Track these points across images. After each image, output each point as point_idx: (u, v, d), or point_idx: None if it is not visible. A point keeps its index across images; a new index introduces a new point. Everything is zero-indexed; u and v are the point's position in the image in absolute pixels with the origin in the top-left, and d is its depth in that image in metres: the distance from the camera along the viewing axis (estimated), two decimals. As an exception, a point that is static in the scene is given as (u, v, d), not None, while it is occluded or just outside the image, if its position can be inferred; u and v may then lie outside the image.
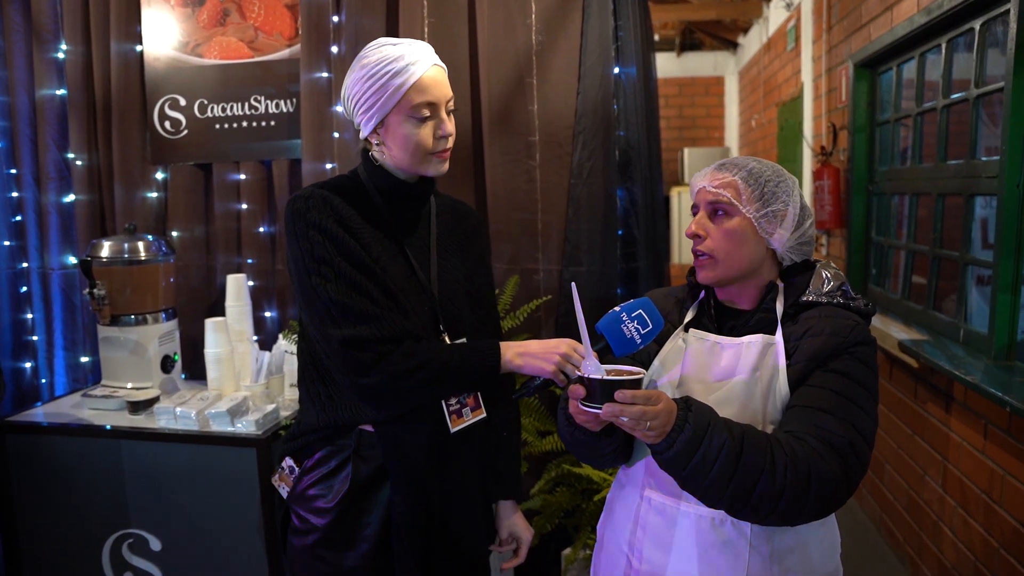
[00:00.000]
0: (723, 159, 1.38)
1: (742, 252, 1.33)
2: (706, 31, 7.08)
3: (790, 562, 1.28)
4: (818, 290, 1.34)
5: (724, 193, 1.32)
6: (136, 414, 2.22)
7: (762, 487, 1.16)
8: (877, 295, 3.51)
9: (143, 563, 2.16)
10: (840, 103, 3.98)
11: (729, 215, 1.32)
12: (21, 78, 2.69)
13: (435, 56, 1.42)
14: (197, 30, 2.55)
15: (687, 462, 1.16)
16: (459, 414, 1.49)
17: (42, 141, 2.71)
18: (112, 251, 2.33)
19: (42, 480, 2.19)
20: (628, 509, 1.41)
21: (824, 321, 1.29)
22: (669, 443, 1.15)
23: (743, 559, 1.27)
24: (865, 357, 1.28)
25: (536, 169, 2.29)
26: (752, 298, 1.37)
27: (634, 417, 1.11)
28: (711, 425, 1.17)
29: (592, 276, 2.28)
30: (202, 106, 2.57)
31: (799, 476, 1.16)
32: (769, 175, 1.33)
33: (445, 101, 1.42)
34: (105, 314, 2.31)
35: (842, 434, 1.20)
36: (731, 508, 1.20)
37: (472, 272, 1.56)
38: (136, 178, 2.66)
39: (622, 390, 1.11)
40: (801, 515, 1.20)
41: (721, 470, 1.15)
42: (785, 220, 1.33)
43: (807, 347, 1.28)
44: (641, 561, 1.36)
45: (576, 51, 2.27)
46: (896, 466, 3.00)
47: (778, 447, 1.19)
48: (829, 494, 1.18)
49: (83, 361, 2.79)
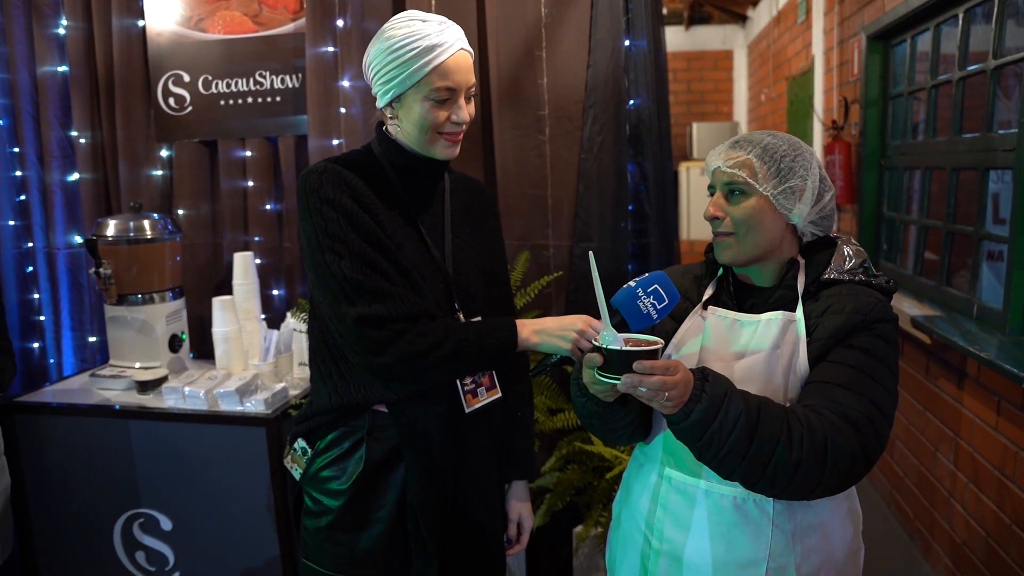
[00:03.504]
0: (737, 136, 1.35)
1: (762, 231, 1.30)
2: (715, 4, 6.97)
3: (813, 540, 1.28)
4: (840, 267, 1.32)
5: (739, 173, 1.29)
6: (145, 393, 2.21)
7: (778, 458, 1.15)
8: (889, 271, 3.48)
9: (154, 542, 2.16)
10: (852, 76, 3.92)
11: (746, 194, 1.30)
12: (22, 54, 2.65)
13: (464, 41, 1.39)
14: (200, 4, 2.51)
15: (703, 432, 1.15)
16: (474, 394, 1.47)
17: (44, 119, 2.68)
18: (118, 230, 2.31)
19: (52, 460, 2.19)
20: (647, 488, 1.39)
21: (846, 299, 1.28)
22: (686, 413, 1.15)
23: (766, 537, 1.26)
24: (886, 334, 1.27)
25: (546, 144, 2.25)
26: (772, 275, 1.35)
27: (653, 388, 1.10)
28: (728, 395, 1.16)
29: (603, 252, 2.25)
30: (206, 82, 2.53)
31: (816, 448, 1.15)
32: (785, 150, 1.30)
33: (466, 87, 1.39)
34: (112, 293, 2.30)
35: (860, 409, 1.19)
36: (747, 480, 1.19)
37: (485, 250, 1.54)
38: (141, 156, 2.64)
39: (640, 360, 1.10)
40: (817, 488, 1.19)
41: (737, 440, 1.15)
42: (804, 195, 1.30)
43: (828, 324, 1.26)
44: (662, 541, 1.35)
45: (586, 23, 2.22)
46: (907, 442, 2.99)
47: (795, 419, 1.18)
48: (846, 468, 1.17)
49: (91, 341, 2.78)
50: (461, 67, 1.37)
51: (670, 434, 1.27)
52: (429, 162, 1.44)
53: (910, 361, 2.96)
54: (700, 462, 1.22)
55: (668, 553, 1.34)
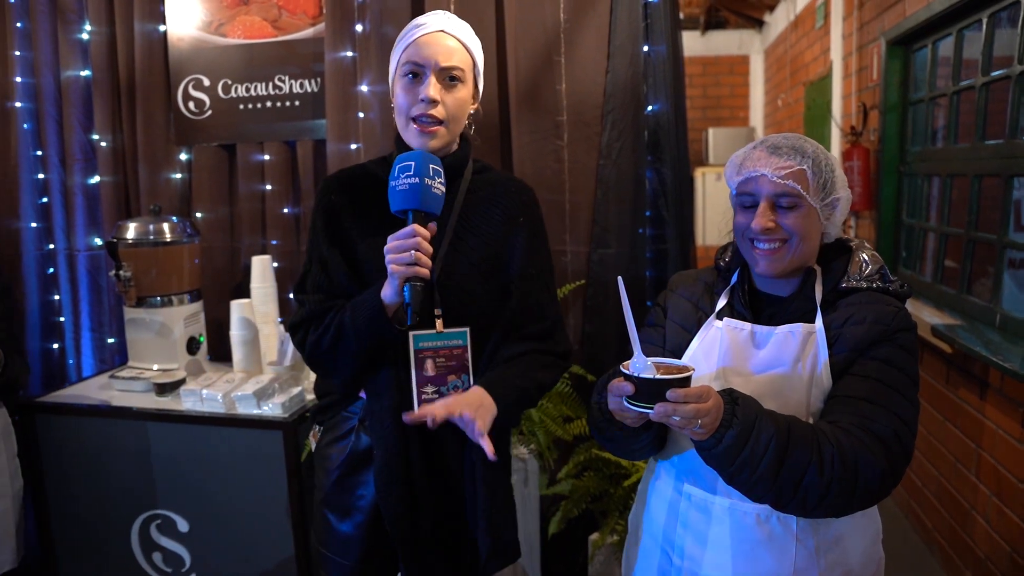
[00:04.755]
0: (768, 140, 1.29)
1: (809, 243, 1.27)
2: (731, 9, 6.95)
3: (836, 553, 1.26)
4: (857, 275, 1.29)
5: (794, 185, 1.24)
6: (163, 396, 2.22)
7: (809, 480, 1.13)
8: (907, 278, 3.45)
9: (171, 544, 2.17)
10: (871, 82, 3.90)
11: (798, 207, 1.25)
12: (46, 59, 2.68)
13: (450, 26, 1.40)
14: (220, 9, 2.52)
15: (735, 458, 1.13)
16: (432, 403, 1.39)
17: (67, 122, 2.70)
18: (138, 232, 2.33)
19: (71, 460, 2.21)
20: (665, 502, 1.37)
21: (865, 308, 1.25)
22: (717, 439, 1.12)
23: (790, 554, 1.24)
24: (907, 344, 1.25)
25: (564, 149, 2.25)
26: (792, 284, 1.32)
27: (687, 416, 1.08)
28: (758, 419, 1.14)
29: (621, 258, 2.24)
30: (226, 86, 2.55)
31: (847, 468, 1.13)
32: (826, 160, 1.26)
33: (435, 66, 1.37)
34: (131, 295, 2.32)
35: (887, 424, 1.17)
36: (777, 502, 1.17)
37: (499, 251, 1.48)
38: (160, 159, 2.65)
39: (674, 389, 1.07)
40: (849, 507, 1.17)
41: (769, 464, 1.12)
42: (840, 206, 1.28)
43: (849, 336, 1.24)
44: (683, 558, 1.32)
45: (605, 28, 2.21)
46: (926, 453, 2.95)
47: (824, 439, 1.15)
48: (876, 485, 1.15)
49: (109, 342, 2.80)
50: (431, 44, 1.38)
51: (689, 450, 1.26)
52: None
53: (929, 370, 2.92)
54: (730, 485, 1.20)
55: (689, 571, 1.32)
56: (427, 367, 1.43)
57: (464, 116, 1.46)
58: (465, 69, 1.41)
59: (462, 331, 1.42)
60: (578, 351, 2.31)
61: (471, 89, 1.46)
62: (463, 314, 1.42)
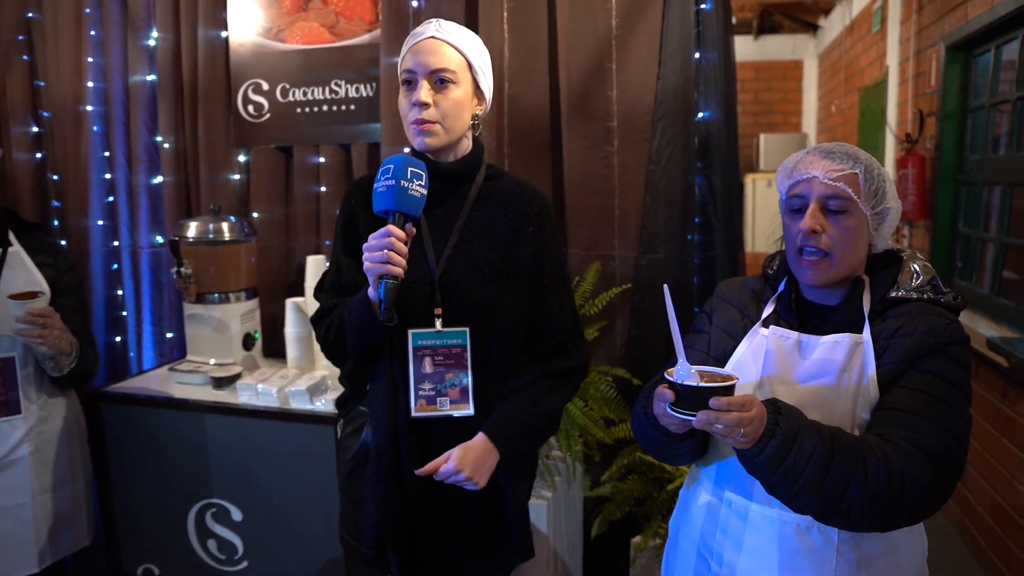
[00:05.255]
0: (822, 145, 1.29)
1: (856, 251, 1.26)
2: (785, 13, 6.86)
3: (878, 568, 1.24)
4: (907, 285, 1.27)
5: (845, 188, 1.22)
6: (220, 389, 2.30)
7: (853, 493, 1.12)
8: (963, 290, 3.36)
9: (225, 532, 2.25)
10: (929, 88, 3.81)
11: (848, 212, 1.24)
12: (116, 65, 2.80)
13: (441, 31, 1.44)
14: (280, 16, 2.60)
15: (777, 467, 1.13)
16: (431, 400, 1.46)
17: (134, 125, 2.82)
18: (198, 231, 2.42)
19: (134, 448, 2.30)
20: (705, 508, 1.37)
21: (916, 320, 1.23)
22: (760, 448, 1.12)
23: (830, 566, 1.22)
24: (959, 357, 1.22)
25: (614, 155, 2.26)
26: (839, 294, 1.30)
27: (729, 425, 1.08)
28: (801, 429, 1.13)
29: (669, 264, 2.24)
30: (284, 90, 2.63)
31: (892, 482, 1.12)
32: (878, 169, 1.25)
33: (426, 71, 1.42)
34: (191, 292, 2.41)
35: (937, 439, 1.15)
36: (820, 514, 1.16)
37: (504, 257, 1.49)
38: (220, 160, 2.75)
39: (717, 397, 1.08)
40: (893, 522, 1.16)
41: (812, 475, 1.12)
42: (890, 217, 1.27)
43: (898, 347, 1.21)
44: (722, 565, 1.32)
45: (657, 35, 2.22)
46: (981, 469, 2.88)
47: (870, 452, 1.14)
48: (924, 501, 1.13)
49: (168, 336, 2.90)
50: (422, 51, 1.43)
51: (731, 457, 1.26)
52: (441, 165, 1.48)
53: (985, 384, 2.85)
54: (772, 495, 1.19)
55: None
56: (425, 364, 1.46)
57: (462, 115, 1.47)
58: (457, 71, 1.44)
59: (462, 331, 1.45)
60: (624, 355, 2.33)
61: (468, 89, 1.47)
62: (463, 314, 1.45)
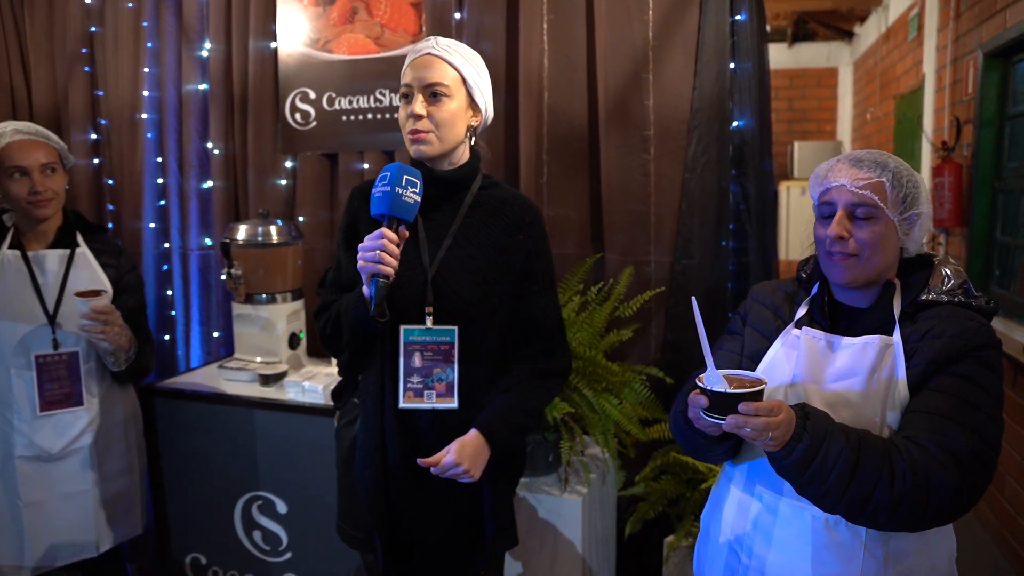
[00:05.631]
0: (852, 153, 1.33)
1: (884, 255, 1.29)
2: (820, 21, 6.84)
3: (905, 566, 1.27)
4: (938, 288, 1.30)
5: (871, 196, 1.27)
6: (267, 386, 2.39)
7: (880, 494, 1.16)
8: (1001, 297, 3.35)
9: (270, 523, 2.33)
10: (965, 95, 3.80)
11: (875, 218, 1.28)
12: (171, 75, 2.92)
13: (439, 47, 1.54)
14: (327, 27, 2.71)
15: (805, 470, 1.17)
16: (418, 393, 1.57)
17: (186, 132, 2.94)
18: (247, 234, 2.52)
19: (184, 442, 2.40)
20: (736, 503, 1.41)
21: (946, 322, 1.25)
22: (788, 451, 1.17)
23: (857, 561, 1.26)
24: (990, 361, 1.24)
25: (650, 162, 2.32)
26: (871, 296, 1.34)
27: (757, 428, 1.13)
28: (828, 433, 1.17)
29: (703, 269, 2.29)
30: (330, 99, 2.73)
31: (918, 484, 1.15)
32: (908, 176, 1.29)
33: (421, 84, 1.52)
34: (240, 292, 2.51)
35: (965, 442, 1.17)
36: (848, 514, 1.20)
37: (493, 260, 1.58)
38: (268, 166, 2.86)
39: (746, 402, 1.13)
40: (920, 523, 1.19)
41: (839, 477, 1.16)
42: (921, 222, 1.30)
43: (928, 349, 1.24)
44: (751, 557, 1.36)
45: (692, 46, 2.28)
46: (1019, 478, 2.87)
47: (896, 454, 1.18)
48: (949, 503, 1.16)
49: (215, 335, 3.02)
50: (418, 66, 1.53)
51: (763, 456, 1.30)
52: (436, 172, 1.58)
53: (1023, 392, 2.84)
54: (801, 496, 1.23)
55: (756, 570, 1.35)
56: (415, 359, 1.57)
57: (455, 126, 1.56)
58: (451, 85, 1.53)
59: (451, 329, 1.54)
60: (659, 358, 2.38)
61: (462, 103, 1.56)
62: (453, 313, 1.55)
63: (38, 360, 2.05)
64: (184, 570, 2.48)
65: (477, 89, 1.58)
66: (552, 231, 2.41)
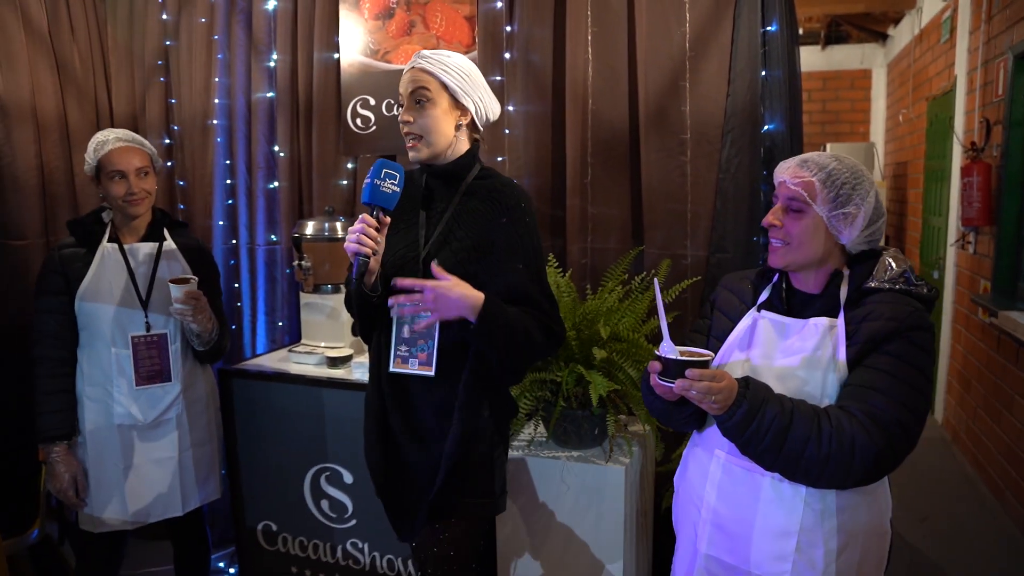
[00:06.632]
0: (806, 155, 1.51)
1: (812, 245, 1.47)
2: (854, 23, 6.92)
3: (841, 519, 1.45)
4: (881, 277, 1.46)
5: (800, 192, 1.44)
6: (335, 368, 2.62)
7: (809, 454, 1.35)
8: (1027, 294, 3.46)
9: (337, 493, 2.55)
10: (996, 97, 3.90)
11: (803, 212, 1.45)
12: (240, 84, 3.16)
13: (422, 59, 1.76)
14: (386, 39, 2.93)
15: (743, 431, 1.38)
16: (404, 360, 1.80)
17: (254, 136, 3.18)
18: (315, 230, 2.74)
19: (258, 418, 2.63)
20: (700, 466, 1.62)
21: (884, 306, 1.42)
22: (729, 415, 1.38)
23: (797, 513, 1.45)
24: (921, 342, 1.40)
25: (687, 164, 2.50)
26: (820, 283, 1.51)
27: (701, 391, 1.34)
28: (765, 400, 1.37)
29: (736, 263, 2.46)
30: (389, 105, 2.94)
31: (843, 446, 1.34)
32: (846, 178, 1.44)
33: (406, 94, 1.77)
34: (309, 283, 2.73)
35: (891, 412, 1.35)
36: (785, 471, 1.41)
37: (480, 242, 1.75)
38: (330, 168, 3.08)
39: (692, 368, 1.34)
40: (847, 480, 1.38)
41: (773, 439, 1.36)
42: (856, 221, 1.45)
43: (866, 330, 1.41)
44: (710, 512, 1.57)
45: (727, 56, 2.45)
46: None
47: (825, 419, 1.36)
48: (872, 464, 1.34)
49: (279, 325, 3.25)
50: (406, 79, 1.78)
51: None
52: (435, 167, 1.82)
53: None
54: (744, 455, 1.44)
55: (714, 523, 1.56)
56: (404, 331, 1.80)
57: (440, 127, 1.76)
58: (431, 90, 1.74)
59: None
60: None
61: (444, 105, 1.76)
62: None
63: (134, 340, 2.30)
64: (256, 536, 2.71)
65: (460, 91, 1.77)
66: (595, 227, 2.62)
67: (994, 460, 3.76)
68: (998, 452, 3.70)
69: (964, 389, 4.40)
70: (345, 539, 2.56)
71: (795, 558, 1.44)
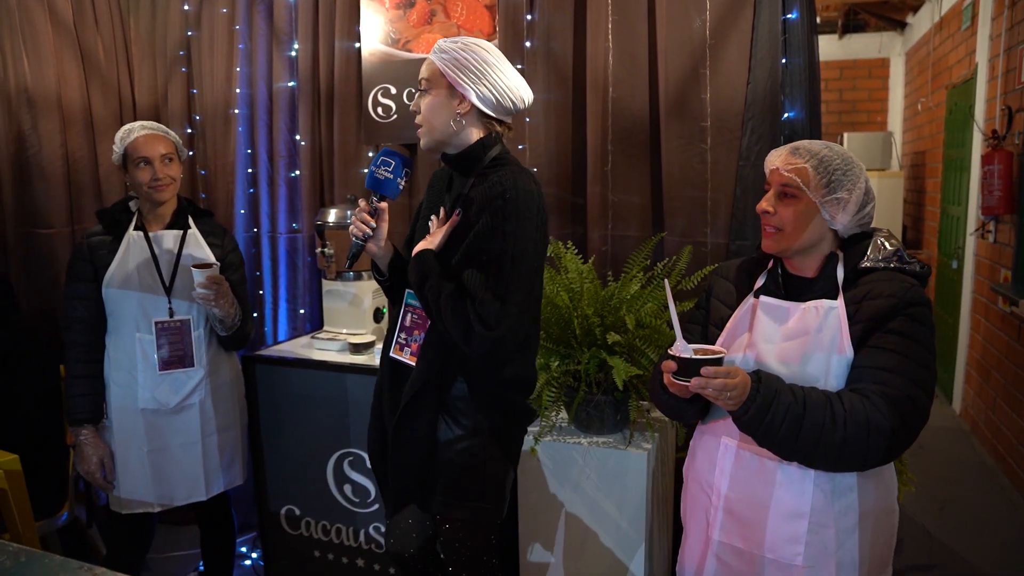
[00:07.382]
0: (797, 143, 1.53)
1: (806, 230, 1.49)
2: (872, 12, 6.86)
3: (849, 499, 1.47)
4: (875, 257, 1.49)
5: (794, 178, 1.47)
6: (357, 354, 2.65)
7: (825, 440, 1.37)
8: (1048, 283, 3.44)
9: (359, 477, 2.59)
10: (1018, 84, 3.87)
11: (797, 198, 1.48)
12: (261, 73, 3.19)
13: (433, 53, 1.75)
14: (407, 28, 2.94)
15: (759, 424, 1.40)
16: (401, 348, 1.85)
17: (276, 125, 3.21)
18: (337, 217, 2.77)
19: (282, 404, 2.67)
20: (708, 454, 1.64)
21: (882, 284, 1.45)
22: (744, 410, 1.39)
23: (808, 495, 1.47)
24: (920, 316, 1.43)
25: (707, 152, 2.51)
26: (815, 267, 1.54)
27: (717, 388, 1.36)
28: (778, 392, 1.39)
29: (754, 249, 2.47)
30: (409, 94, 2.97)
31: (858, 428, 1.35)
32: (838, 164, 1.46)
33: (420, 82, 1.77)
34: (332, 270, 2.76)
35: (902, 389, 1.37)
36: (804, 459, 1.42)
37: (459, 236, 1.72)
38: (351, 156, 3.11)
39: (707, 367, 1.35)
40: (866, 462, 1.40)
41: (788, 430, 1.38)
42: (848, 206, 1.47)
43: (867, 310, 1.44)
44: (720, 499, 1.59)
45: (747, 44, 2.45)
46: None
47: (838, 404, 1.38)
48: (886, 442, 1.36)
49: (300, 312, 3.29)
50: (421, 69, 1.78)
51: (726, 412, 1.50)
52: (444, 155, 1.83)
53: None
54: (762, 447, 1.46)
55: (726, 509, 1.58)
56: (407, 319, 1.83)
57: (439, 115, 1.73)
58: (431, 78, 1.74)
59: None
60: (713, 332, 2.56)
61: (442, 92, 1.73)
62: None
63: (157, 325, 2.34)
64: (279, 521, 2.76)
65: (457, 79, 1.70)
66: (616, 215, 2.63)
67: (1014, 450, 3.75)
68: (1018, 442, 3.69)
69: (983, 379, 4.38)
70: (368, 523, 2.60)
71: (808, 539, 1.47)
